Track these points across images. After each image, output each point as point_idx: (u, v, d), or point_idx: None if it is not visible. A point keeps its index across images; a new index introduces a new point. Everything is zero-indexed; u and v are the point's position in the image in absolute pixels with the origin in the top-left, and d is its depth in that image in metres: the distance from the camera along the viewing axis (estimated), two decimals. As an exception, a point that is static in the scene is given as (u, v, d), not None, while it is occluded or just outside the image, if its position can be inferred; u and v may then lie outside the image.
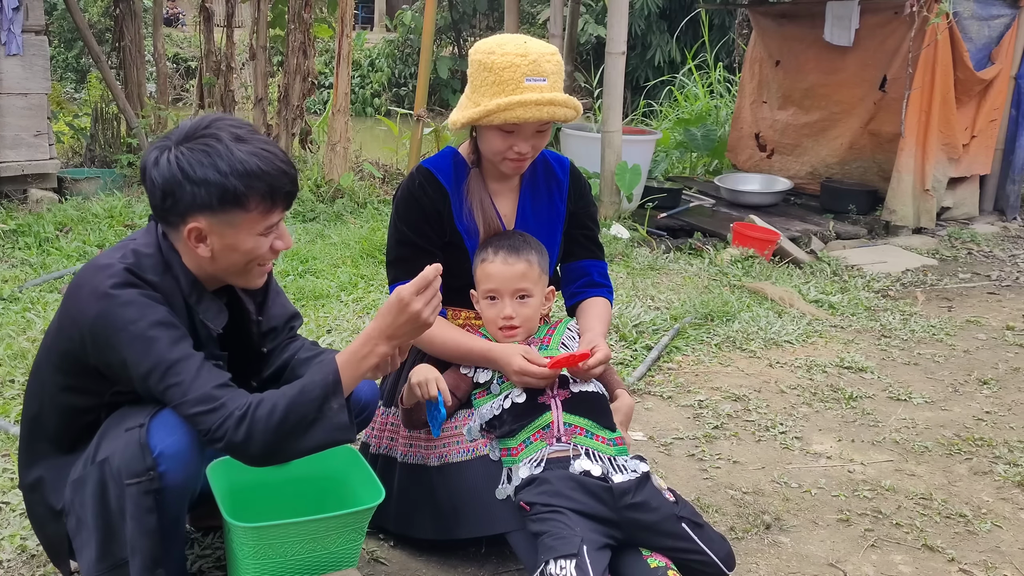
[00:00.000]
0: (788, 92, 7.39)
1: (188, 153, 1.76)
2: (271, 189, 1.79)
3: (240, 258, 1.84)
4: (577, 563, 1.91)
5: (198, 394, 1.73)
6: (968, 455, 3.04)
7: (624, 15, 5.93)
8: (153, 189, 1.78)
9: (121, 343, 1.73)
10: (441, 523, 2.23)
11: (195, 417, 1.73)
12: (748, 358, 3.87)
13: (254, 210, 1.79)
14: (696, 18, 11.86)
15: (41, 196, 5.82)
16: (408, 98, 14.57)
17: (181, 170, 1.75)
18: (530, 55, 2.16)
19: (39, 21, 5.83)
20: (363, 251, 5.06)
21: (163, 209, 1.80)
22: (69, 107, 9.06)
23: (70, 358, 1.82)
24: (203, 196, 1.75)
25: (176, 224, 1.81)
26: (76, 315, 1.78)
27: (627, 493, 2.05)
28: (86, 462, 1.81)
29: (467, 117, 2.21)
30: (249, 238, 1.82)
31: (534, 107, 2.14)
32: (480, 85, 2.21)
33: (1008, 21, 6.42)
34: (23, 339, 3.54)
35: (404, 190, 2.36)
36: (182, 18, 18.89)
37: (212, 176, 1.74)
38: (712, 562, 2.06)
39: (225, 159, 1.75)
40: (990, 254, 6.04)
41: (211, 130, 1.79)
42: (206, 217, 1.77)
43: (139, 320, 1.73)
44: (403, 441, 2.34)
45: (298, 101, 7.18)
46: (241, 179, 1.75)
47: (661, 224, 6.13)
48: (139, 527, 1.74)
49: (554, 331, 2.35)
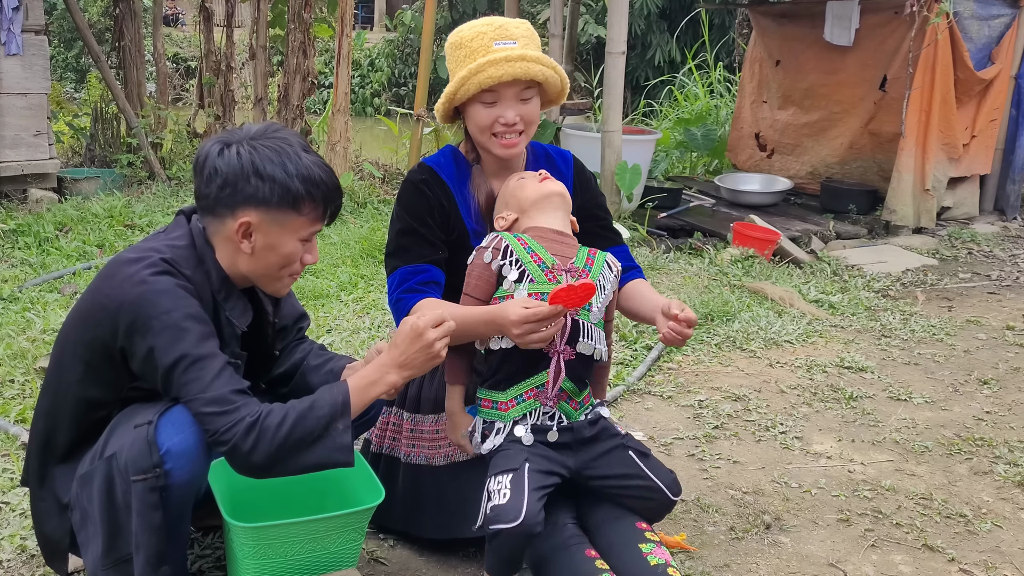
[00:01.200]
0: (788, 92, 7.39)
1: (259, 149, 1.83)
2: (325, 199, 1.89)
3: (277, 260, 1.90)
4: (514, 477, 1.98)
5: (215, 394, 1.75)
6: (968, 455, 3.04)
7: (624, 15, 5.93)
8: (212, 177, 1.83)
9: (152, 330, 1.75)
10: (447, 522, 2.23)
11: (206, 416, 1.75)
12: (748, 358, 3.87)
13: (305, 215, 1.87)
14: (696, 18, 11.86)
15: (41, 196, 5.82)
16: (408, 98, 14.57)
17: (252, 163, 1.82)
18: (496, 22, 2.17)
19: (39, 21, 5.84)
20: (363, 251, 5.06)
21: (216, 199, 1.84)
22: (69, 107, 9.06)
23: (96, 345, 1.83)
24: (265, 191, 1.82)
25: (224, 216, 1.86)
26: (108, 302, 1.79)
27: (583, 428, 2.16)
28: (94, 457, 1.82)
29: (445, 96, 2.19)
30: (291, 241, 1.89)
31: (504, 63, 2.10)
32: (455, 65, 2.19)
33: (1008, 21, 6.42)
34: (23, 339, 3.54)
35: (408, 183, 2.33)
36: (182, 18, 18.89)
37: (279, 174, 1.82)
38: (657, 486, 2.15)
39: (293, 162, 1.84)
40: (990, 254, 6.04)
41: (281, 135, 1.89)
42: (260, 213, 1.84)
43: (173, 310, 1.76)
44: (406, 441, 2.33)
45: (298, 101, 7.18)
46: (304, 183, 1.84)
47: (661, 224, 6.13)
48: (144, 523, 1.75)
49: (593, 262, 2.18)
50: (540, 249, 2.12)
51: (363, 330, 3.89)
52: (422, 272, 2.24)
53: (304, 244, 1.92)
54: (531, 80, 2.17)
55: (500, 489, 1.98)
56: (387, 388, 1.88)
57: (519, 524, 1.92)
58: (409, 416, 2.36)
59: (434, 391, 2.34)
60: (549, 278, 2.09)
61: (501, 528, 1.93)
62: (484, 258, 2.13)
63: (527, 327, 1.98)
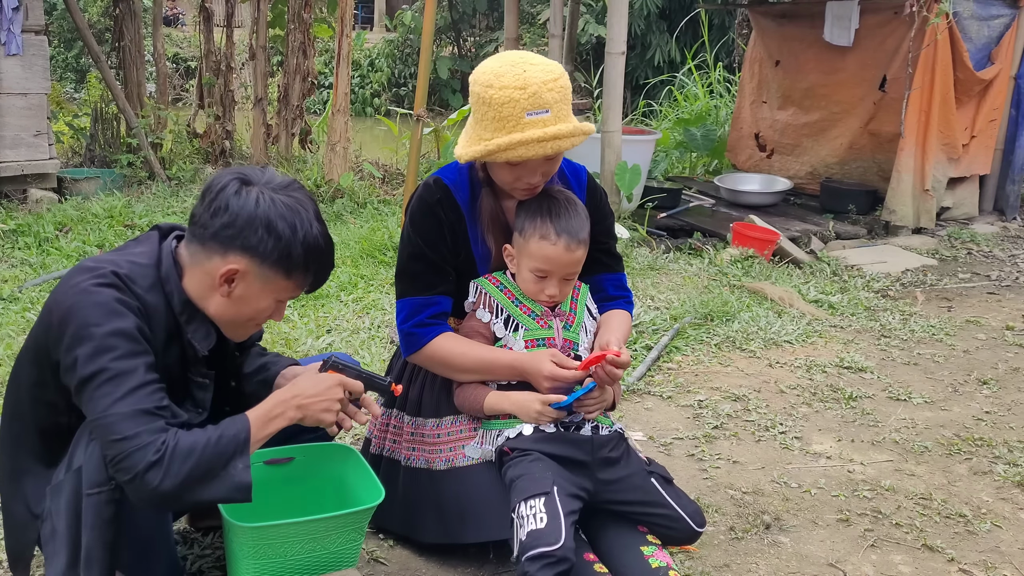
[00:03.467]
0: (788, 92, 7.39)
1: (277, 203, 1.78)
2: (316, 273, 1.87)
3: (247, 312, 1.86)
4: (547, 500, 1.98)
5: (122, 411, 1.65)
6: (968, 455, 3.04)
7: (624, 15, 5.93)
8: (219, 212, 1.77)
9: (80, 340, 1.67)
10: (448, 527, 2.22)
11: (109, 441, 1.65)
12: (748, 358, 3.87)
13: (293, 281, 1.84)
14: (696, 18, 11.86)
15: (41, 196, 5.82)
16: (408, 98, 14.58)
17: (267, 214, 1.77)
18: (529, 87, 2.02)
19: (39, 21, 5.84)
20: (363, 251, 5.06)
21: (215, 233, 1.78)
22: (69, 107, 9.06)
23: (41, 348, 1.77)
24: (267, 246, 1.77)
25: (213, 252, 1.79)
26: (52, 306, 1.74)
27: (605, 446, 2.18)
28: (66, 468, 1.78)
29: (471, 154, 2.11)
30: (268, 299, 1.85)
31: (536, 145, 2.03)
32: (481, 119, 2.10)
33: (1008, 21, 6.42)
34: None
35: (422, 201, 2.25)
36: (182, 18, 18.89)
37: (286, 234, 1.78)
38: (680, 517, 2.16)
39: (304, 227, 1.80)
40: (990, 254, 6.04)
41: (300, 195, 1.84)
42: (251, 264, 1.79)
43: (104, 324, 1.68)
44: (406, 444, 2.33)
45: (298, 101, 7.18)
46: (305, 251, 1.80)
47: (661, 224, 6.14)
48: (97, 537, 1.71)
49: (578, 296, 2.33)
50: (515, 288, 2.25)
51: (363, 330, 3.89)
52: (433, 305, 2.26)
53: (279, 305, 1.88)
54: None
55: (535, 513, 1.97)
56: (288, 423, 1.83)
57: (560, 547, 1.90)
58: (410, 419, 2.35)
59: (435, 396, 2.34)
60: (541, 324, 2.24)
61: (542, 552, 1.90)
62: (482, 318, 2.26)
63: (556, 384, 2.12)
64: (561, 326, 2.25)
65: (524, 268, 2.22)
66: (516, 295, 2.26)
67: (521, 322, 2.23)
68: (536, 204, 2.20)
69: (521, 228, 2.20)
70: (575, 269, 2.22)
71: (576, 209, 2.21)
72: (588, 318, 2.32)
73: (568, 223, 2.16)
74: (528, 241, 2.18)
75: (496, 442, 2.19)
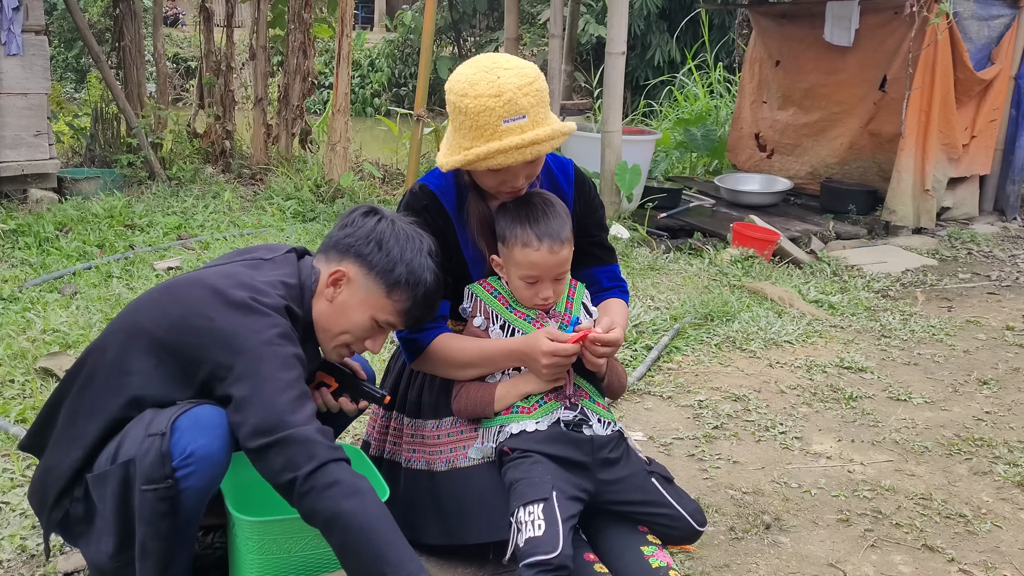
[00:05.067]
0: (788, 92, 7.40)
1: (396, 229, 1.98)
2: (415, 300, 1.98)
3: (344, 323, 1.97)
4: (545, 507, 1.99)
5: (312, 428, 1.76)
6: (968, 455, 3.04)
7: (624, 15, 5.93)
8: (345, 228, 2.00)
9: (256, 377, 1.77)
10: (448, 528, 2.22)
11: (289, 443, 1.73)
12: (748, 358, 3.87)
13: (392, 300, 1.96)
14: (696, 18, 11.86)
15: (41, 196, 5.82)
16: (408, 98, 14.57)
17: (382, 233, 1.97)
18: (504, 94, 2.00)
19: (39, 21, 5.84)
20: (363, 251, 5.06)
21: (337, 240, 1.99)
22: (69, 107, 9.05)
23: (182, 357, 1.81)
24: (376, 258, 1.95)
25: (333, 258, 1.98)
26: (219, 336, 1.79)
27: (605, 447, 2.18)
28: (110, 458, 1.81)
29: (452, 163, 2.10)
30: (365, 314, 1.97)
31: (515, 152, 2.01)
32: (459, 128, 2.08)
33: (1008, 21, 6.42)
34: (23, 339, 3.54)
35: (409, 209, 2.25)
36: (182, 18, 18.88)
37: (395, 253, 1.96)
38: (681, 516, 2.18)
39: (413, 254, 1.97)
40: (990, 254, 6.04)
41: (420, 232, 2.03)
42: (359, 271, 1.96)
43: (285, 375, 1.78)
44: (406, 446, 2.33)
45: (298, 101, 7.18)
46: (409, 274, 1.96)
47: (661, 224, 6.14)
48: (153, 532, 1.75)
49: (574, 294, 2.35)
50: (508, 293, 2.27)
51: (363, 330, 3.89)
52: None
53: (375, 327, 1.98)
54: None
55: (533, 520, 1.97)
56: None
57: (557, 555, 1.91)
58: (409, 421, 2.36)
59: (434, 397, 2.34)
60: (537, 326, 2.24)
61: (539, 560, 1.90)
62: (479, 325, 2.28)
63: (555, 360, 2.12)
64: (557, 326, 2.25)
65: (514, 276, 2.23)
66: (510, 300, 2.27)
67: (517, 326, 2.25)
68: (514, 212, 2.19)
69: (503, 238, 2.21)
70: (564, 268, 2.23)
71: (555, 210, 2.20)
72: (585, 316, 2.33)
73: (548, 226, 2.15)
74: (512, 251, 2.19)
75: (497, 438, 2.19)
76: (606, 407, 2.29)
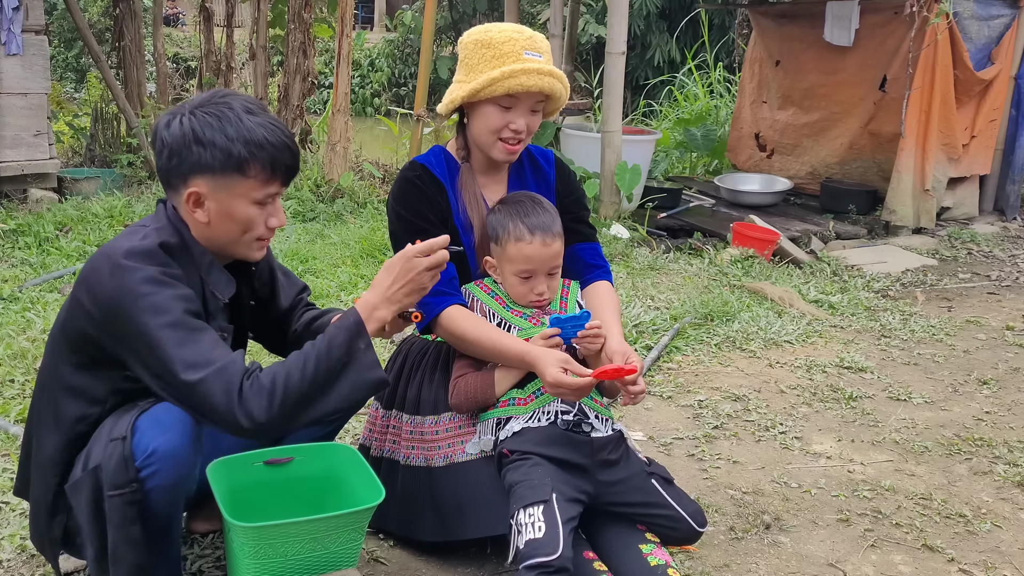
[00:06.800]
0: (788, 92, 7.40)
1: (199, 117, 1.84)
2: (272, 160, 1.86)
3: (236, 227, 1.89)
4: (545, 509, 1.99)
5: (220, 352, 1.74)
6: (968, 455, 3.04)
7: (624, 15, 5.93)
8: (161, 149, 1.85)
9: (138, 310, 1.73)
10: (446, 524, 2.22)
11: (219, 372, 1.72)
12: (748, 358, 3.87)
13: (253, 178, 1.85)
14: (696, 18, 11.87)
15: (41, 196, 5.82)
16: (408, 98, 14.58)
17: (192, 131, 1.82)
18: (526, 32, 2.26)
19: (39, 21, 5.84)
20: (363, 251, 5.06)
21: (167, 170, 1.86)
22: (69, 107, 9.06)
23: (81, 338, 1.82)
24: (207, 158, 1.82)
25: (178, 187, 1.87)
26: (90, 294, 1.78)
27: (605, 448, 2.18)
28: (83, 466, 1.81)
29: (468, 90, 2.22)
30: (245, 206, 1.87)
31: (536, 75, 2.19)
32: (478, 62, 2.24)
33: (1008, 21, 6.42)
34: (23, 339, 3.54)
35: (402, 179, 2.36)
36: (182, 18, 18.90)
37: (219, 139, 1.82)
38: (681, 517, 2.18)
39: (234, 126, 1.83)
40: (990, 254, 6.04)
41: (224, 100, 1.88)
42: (207, 180, 1.84)
43: (171, 309, 1.75)
44: (405, 444, 2.33)
45: (298, 101, 7.19)
46: (246, 146, 1.83)
47: (661, 224, 6.14)
48: (123, 537, 1.74)
49: (568, 294, 2.37)
50: (504, 293, 2.29)
51: (363, 330, 3.89)
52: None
53: (263, 207, 1.90)
54: (546, 94, 2.27)
55: (533, 522, 1.97)
56: (378, 324, 1.88)
57: (558, 557, 1.91)
58: (409, 418, 2.36)
59: (433, 393, 2.35)
60: (533, 323, 2.26)
61: (539, 562, 1.90)
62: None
63: (560, 391, 2.11)
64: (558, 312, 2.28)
65: (508, 274, 2.26)
66: (506, 300, 2.30)
67: (513, 323, 2.26)
68: (504, 212, 2.27)
69: (495, 237, 2.27)
70: (557, 262, 2.27)
71: (543, 206, 2.28)
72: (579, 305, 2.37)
73: (539, 219, 2.23)
74: (506, 247, 2.24)
75: (494, 431, 2.20)
76: (604, 404, 2.29)
